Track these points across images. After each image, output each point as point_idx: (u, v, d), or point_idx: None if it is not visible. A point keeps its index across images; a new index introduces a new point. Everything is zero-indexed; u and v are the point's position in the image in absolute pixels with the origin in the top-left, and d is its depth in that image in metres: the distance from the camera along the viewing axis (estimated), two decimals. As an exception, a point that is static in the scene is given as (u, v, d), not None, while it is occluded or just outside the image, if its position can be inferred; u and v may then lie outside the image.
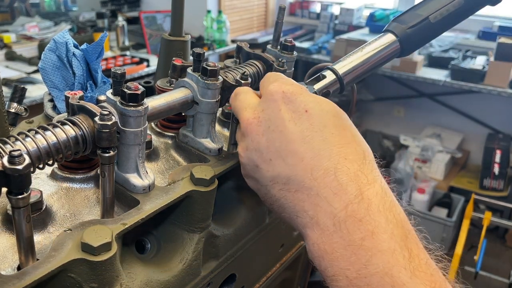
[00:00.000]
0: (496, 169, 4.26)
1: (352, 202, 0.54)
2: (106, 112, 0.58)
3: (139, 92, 0.62)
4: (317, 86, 0.82)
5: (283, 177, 0.61)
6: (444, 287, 0.50)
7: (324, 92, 0.82)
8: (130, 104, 0.62)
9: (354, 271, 0.52)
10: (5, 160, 0.48)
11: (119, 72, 0.64)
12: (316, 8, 5.27)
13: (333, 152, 0.58)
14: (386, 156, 4.89)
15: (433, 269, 0.51)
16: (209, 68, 0.73)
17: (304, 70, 4.54)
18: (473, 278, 3.32)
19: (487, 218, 3.45)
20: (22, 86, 0.93)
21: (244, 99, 0.70)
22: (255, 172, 0.66)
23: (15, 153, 0.48)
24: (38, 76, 3.31)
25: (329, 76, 0.84)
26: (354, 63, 0.87)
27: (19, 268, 0.58)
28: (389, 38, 0.92)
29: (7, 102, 0.87)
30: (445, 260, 0.55)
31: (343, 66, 0.86)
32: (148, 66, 3.86)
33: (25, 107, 0.91)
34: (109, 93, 0.65)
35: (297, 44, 4.50)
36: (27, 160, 0.49)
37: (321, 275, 0.57)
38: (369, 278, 0.51)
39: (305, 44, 4.74)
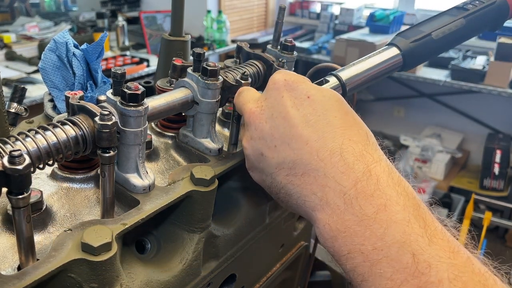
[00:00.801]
0: (496, 169, 4.26)
1: (360, 179, 0.55)
2: (106, 112, 0.58)
3: (139, 92, 0.62)
4: None
5: (289, 162, 0.61)
6: (462, 252, 0.50)
7: None
8: (130, 104, 0.62)
9: (370, 245, 0.52)
10: (5, 160, 0.48)
11: (119, 72, 0.64)
12: (316, 8, 5.27)
13: (337, 133, 0.59)
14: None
15: (449, 235, 0.52)
16: (209, 68, 0.73)
17: (304, 70, 4.51)
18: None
19: (487, 218, 3.45)
20: (22, 86, 0.93)
21: (247, 95, 0.72)
22: (260, 162, 0.66)
23: (15, 153, 0.48)
24: (38, 76, 3.31)
25: (332, 82, 0.86)
26: (358, 72, 0.89)
27: (19, 268, 0.58)
28: (392, 51, 0.93)
29: (7, 102, 0.87)
30: (459, 227, 0.56)
31: (347, 73, 0.88)
32: (148, 66, 3.86)
33: (25, 107, 0.91)
34: (109, 93, 0.65)
35: (297, 44, 4.50)
36: (27, 160, 0.48)
37: (332, 258, 0.57)
38: (387, 250, 0.51)
39: (305, 44, 4.74)
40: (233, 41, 4.79)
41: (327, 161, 0.57)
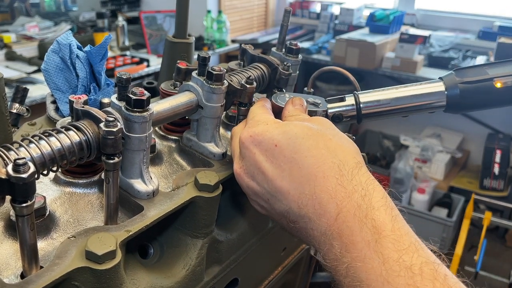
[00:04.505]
0: (496, 169, 4.25)
1: (334, 219, 0.57)
2: (111, 119, 0.58)
3: (144, 98, 0.61)
4: (331, 105, 0.79)
5: (284, 212, 0.63)
6: (423, 284, 0.49)
7: (336, 115, 0.79)
8: (136, 109, 0.61)
9: (348, 282, 0.54)
10: (9, 168, 0.47)
11: (125, 77, 0.63)
12: (316, 8, 5.25)
13: (311, 175, 0.60)
14: (386, 156, 4.88)
15: (406, 266, 0.51)
16: (214, 72, 0.72)
17: (304, 70, 4.53)
18: (473, 278, 3.31)
19: (487, 218, 3.44)
20: (24, 86, 0.92)
21: (233, 145, 0.73)
22: (266, 213, 0.69)
23: (20, 161, 0.47)
24: (38, 76, 3.30)
25: (348, 101, 0.79)
26: (380, 97, 0.79)
27: (22, 275, 0.57)
28: (437, 86, 0.79)
29: (9, 103, 0.87)
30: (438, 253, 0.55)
31: (367, 96, 0.79)
32: (148, 66, 3.85)
33: (27, 107, 0.91)
34: (114, 97, 0.65)
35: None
36: (32, 168, 0.48)
37: None
38: None
39: (305, 44, 4.72)
40: (233, 41, 4.77)
41: (308, 207, 0.59)
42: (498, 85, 0.74)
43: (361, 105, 0.79)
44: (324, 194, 0.58)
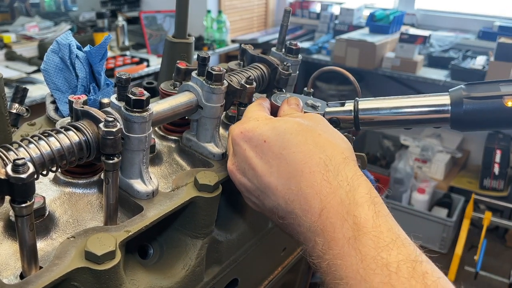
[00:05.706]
0: (496, 169, 4.25)
1: (318, 216, 0.57)
2: (111, 119, 0.57)
3: (144, 98, 0.61)
4: (329, 109, 0.78)
5: (273, 208, 0.64)
6: (394, 283, 0.49)
7: (333, 120, 0.78)
8: (135, 110, 0.61)
9: (329, 280, 0.54)
10: (8, 168, 0.47)
11: (124, 77, 0.63)
12: (316, 8, 5.25)
13: (298, 171, 0.60)
14: (386, 156, 4.88)
15: (383, 264, 0.50)
16: (214, 72, 0.72)
17: (304, 70, 4.53)
18: (473, 278, 3.32)
19: (487, 218, 3.45)
20: (23, 86, 0.92)
21: (228, 143, 0.74)
22: (258, 208, 0.69)
23: (19, 162, 0.47)
24: (38, 76, 3.30)
25: (347, 107, 0.78)
26: (380, 105, 0.76)
27: (21, 276, 0.57)
28: (442, 99, 0.74)
29: (8, 103, 0.87)
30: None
31: (367, 103, 0.77)
32: (148, 66, 3.84)
33: (27, 107, 0.91)
34: (113, 98, 0.65)
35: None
36: (31, 169, 0.48)
37: None
38: (334, 285, 0.53)
39: (305, 44, 4.72)
40: (233, 41, 4.77)
41: (295, 203, 0.60)
42: (510, 104, 0.68)
43: (359, 112, 0.77)
44: (310, 189, 0.58)
